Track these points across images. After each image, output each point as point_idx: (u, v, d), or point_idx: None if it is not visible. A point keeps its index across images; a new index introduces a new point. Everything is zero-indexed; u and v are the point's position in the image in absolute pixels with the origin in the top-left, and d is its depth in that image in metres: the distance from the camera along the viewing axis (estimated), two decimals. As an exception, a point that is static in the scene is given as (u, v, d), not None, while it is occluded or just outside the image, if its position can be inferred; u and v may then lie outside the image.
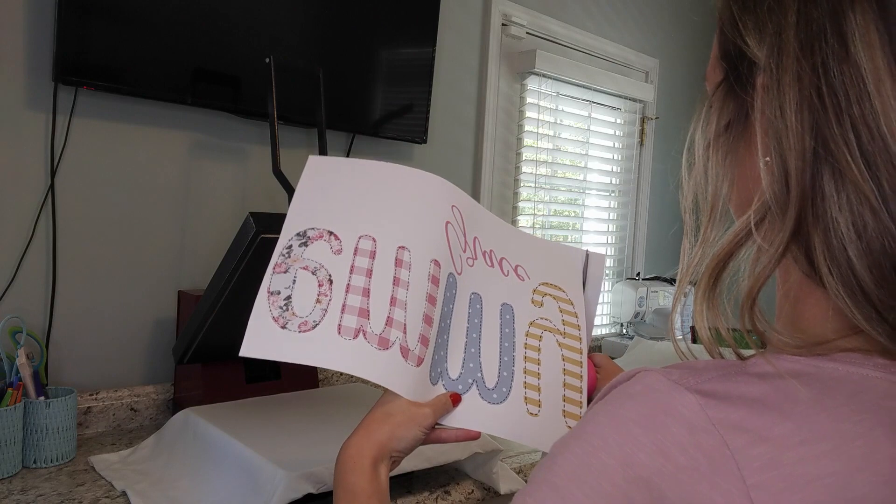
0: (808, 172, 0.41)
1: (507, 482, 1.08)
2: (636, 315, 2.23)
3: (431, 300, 0.71)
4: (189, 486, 0.99)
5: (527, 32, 1.99)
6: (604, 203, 2.41)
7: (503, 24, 1.94)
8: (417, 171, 0.75)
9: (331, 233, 0.71)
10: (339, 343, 0.66)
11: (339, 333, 0.66)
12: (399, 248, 0.71)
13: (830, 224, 0.40)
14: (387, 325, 0.68)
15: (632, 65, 2.39)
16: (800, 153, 0.41)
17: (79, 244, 1.26)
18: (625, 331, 2.34)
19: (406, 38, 1.63)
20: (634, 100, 2.37)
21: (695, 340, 0.49)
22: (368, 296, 0.69)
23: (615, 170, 2.44)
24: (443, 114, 1.82)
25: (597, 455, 0.41)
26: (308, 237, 0.70)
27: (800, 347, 0.43)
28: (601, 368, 0.85)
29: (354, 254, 0.70)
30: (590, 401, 0.77)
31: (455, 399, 0.71)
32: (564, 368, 0.78)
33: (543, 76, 2.05)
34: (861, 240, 0.40)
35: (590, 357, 0.82)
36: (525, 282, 0.80)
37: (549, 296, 0.81)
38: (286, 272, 0.69)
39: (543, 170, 2.12)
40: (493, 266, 0.79)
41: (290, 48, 1.42)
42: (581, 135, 2.26)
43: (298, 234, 0.71)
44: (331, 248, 0.70)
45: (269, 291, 0.68)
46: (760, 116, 0.44)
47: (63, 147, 1.22)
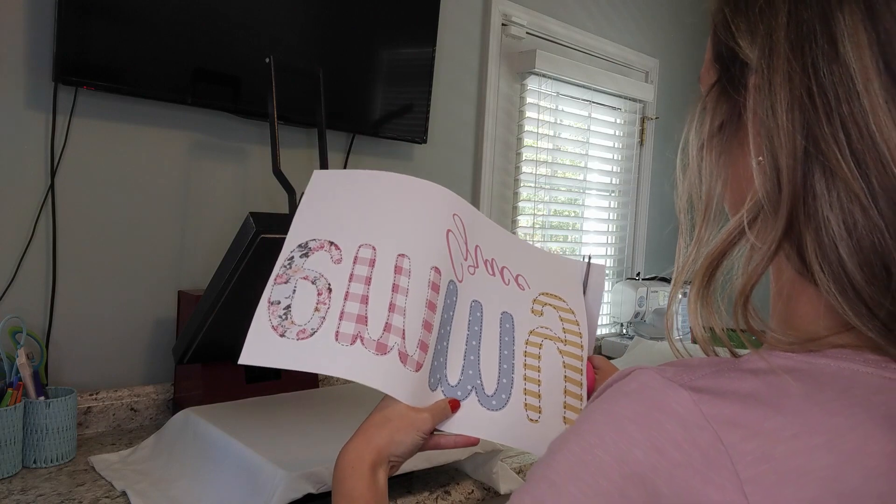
0: (800, 171, 0.41)
1: (507, 482, 1.08)
2: (636, 315, 2.23)
3: (431, 307, 0.71)
4: (189, 486, 0.99)
5: (527, 32, 1.99)
6: (604, 203, 2.41)
7: (503, 24, 1.94)
8: (420, 181, 0.75)
9: (331, 243, 0.72)
10: (337, 349, 0.66)
11: (337, 340, 0.67)
12: (399, 256, 0.71)
13: (822, 222, 0.41)
14: (385, 331, 0.68)
15: (632, 65, 2.39)
16: (791, 152, 0.42)
17: (79, 244, 1.26)
18: (625, 331, 2.34)
19: (406, 38, 1.63)
20: (634, 100, 2.37)
21: (696, 340, 0.49)
22: (367, 303, 0.69)
23: (615, 170, 2.44)
24: (443, 114, 1.82)
25: (593, 452, 0.41)
26: (309, 248, 0.71)
27: (792, 344, 0.43)
28: (599, 370, 0.85)
29: (354, 262, 0.71)
30: None
31: (454, 405, 0.71)
32: (566, 375, 0.78)
33: (543, 76, 2.05)
34: (851, 237, 0.40)
35: (589, 359, 0.83)
36: (525, 291, 0.81)
37: (550, 305, 0.81)
38: (287, 282, 0.69)
39: (543, 170, 2.12)
40: (495, 275, 0.79)
41: (290, 48, 1.42)
42: (581, 135, 2.26)
43: (300, 246, 0.72)
44: (331, 258, 0.71)
45: (270, 301, 0.69)
46: (753, 117, 0.45)
47: (63, 147, 1.22)
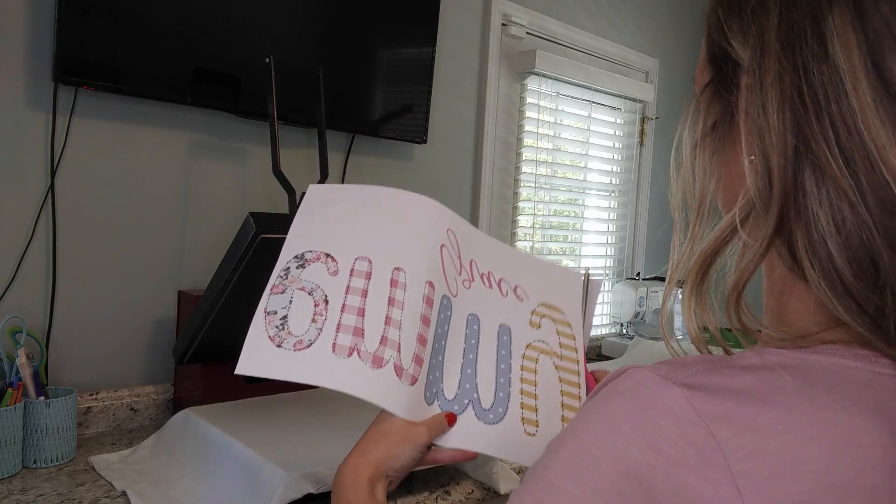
0: (790, 169, 0.42)
1: (507, 482, 1.08)
2: (636, 315, 2.23)
3: (425, 321, 0.71)
4: (189, 486, 0.99)
5: (527, 32, 1.99)
6: (604, 203, 2.41)
7: (503, 24, 1.94)
8: (414, 195, 0.76)
9: (328, 255, 0.72)
10: (334, 361, 0.66)
11: (334, 352, 0.67)
12: (395, 269, 0.72)
13: (811, 219, 0.42)
14: (381, 344, 0.68)
15: (632, 65, 2.39)
16: (782, 150, 0.42)
17: (79, 244, 1.26)
18: (625, 331, 2.34)
19: (406, 38, 1.63)
20: (634, 100, 2.37)
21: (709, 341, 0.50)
22: (363, 315, 0.69)
23: (615, 170, 2.44)
24: (443, 114, 1.82)
25: (589, 451, 0.41)
26: (305, 259, 0.71)
27: (784, 341, 0.44)
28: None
29: (350, 274, 0.71)
30: None
31: (451, 419, 0.71)
32: (562, 389, 0.78)
33: (543, 76, 2.05)
34: (840, 234, 0.41)
35: (592, 373, 0.83)
36: (524, 302, 0.81)
37: (548, 317, 0.82)
38: (283, 293, 0.69)
39: (543, 170, 2.12)
40: (492, 287, 0.80)
41: (290, 48, 1.42)
42: (581, 135, 2.26)
43: (296, 257, 0.71)
44: (328, 270, 0.71)
45: (266, 311, 0.68)
46: (745, 116, 0.45)
47: (63, 147, 1.22)
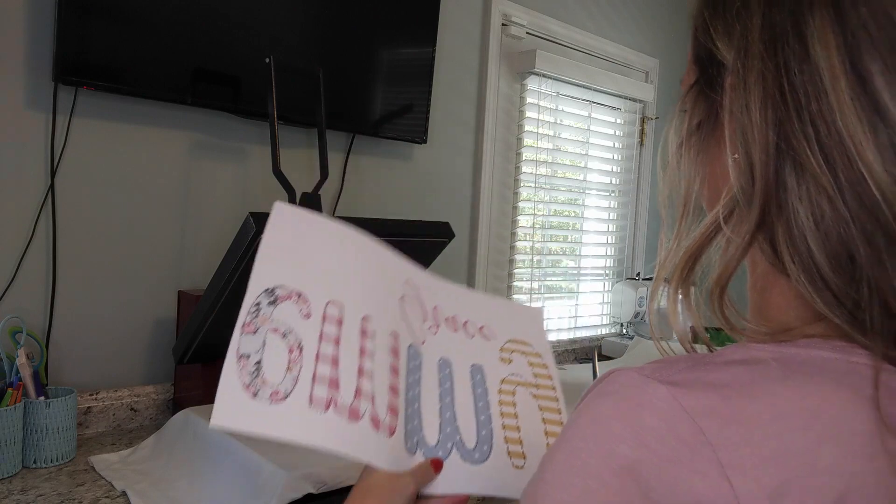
0: (772, 166, 0.43)
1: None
2: (636, 315, 2.23)
3: (394, 371, 0.70)
4: (189, 486, 0.99)
5: (527, 32, 2.00)
6: (604, 203, 2.41)
7: (503, 24, 1.94)
8: (378, 245, 0.74)
9: (299, 294, 0.69)
10: (311, 416, 0.64)
11: (311, 404, 0.64)
12: (363, 319, 0.70)
13: (792, 214, 0.43)
14: (356, 397, 0.66)
15: (632, 65, 2.39)
16: (764, 148, 0.44)
17: (79, 244, 1.26)
18: (625, 331, 2.34)
19: (406, 38, 1.63)
20: (634, 100, 2.37)
21: (695, 339, 0.50)
22: (337, 365, 0.67)
23: (615, 170, 2.44)
24: (443, 114, 1.82)
25: (580, 456, 0.41)
26: (277, 296, 0.68)
27: (766, 335, 0.45)
28: None
29: (323, 320, 0.69)
30: None
31: (437, 465, 0.69)
32: (544, 417, 0.79)
33: (543, 76, 2.05)
34: (819, 228, 0.42)
35: None
36: (491, 341, 0.82)
37: (517, 351, 0.82)
38: (255, 333, 0.66)
39: (543, 170, 2.12)
40: (458, 330, 0.80)
41: (290, 48, 1.42)
42: (581, 135, 2.26)
43: (267, 291, 0.68)
44: (300, 312, 0.68)
45: (239, 354, 0.65)
46: (728, 115, 0.47)
47: (63, 147, 1.22)
